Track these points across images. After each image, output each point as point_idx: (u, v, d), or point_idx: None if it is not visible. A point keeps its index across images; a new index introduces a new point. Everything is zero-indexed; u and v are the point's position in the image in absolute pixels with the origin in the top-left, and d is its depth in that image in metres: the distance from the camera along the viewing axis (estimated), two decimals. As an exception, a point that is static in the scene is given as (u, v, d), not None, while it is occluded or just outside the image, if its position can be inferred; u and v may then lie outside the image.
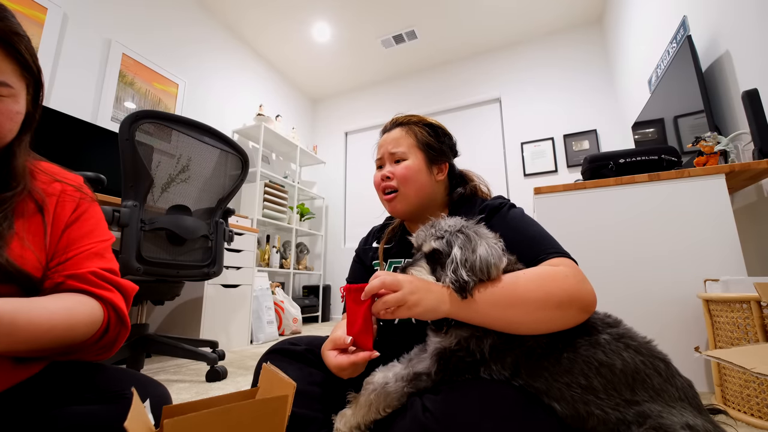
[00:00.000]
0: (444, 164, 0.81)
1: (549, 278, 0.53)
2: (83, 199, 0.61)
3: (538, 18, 3.42)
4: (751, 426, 0.95)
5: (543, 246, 0.61)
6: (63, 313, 0.48)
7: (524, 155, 3.50)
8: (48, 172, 0.60)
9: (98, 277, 0.56)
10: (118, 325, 0.56)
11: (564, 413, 0.48)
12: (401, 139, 0.78)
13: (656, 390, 0.47)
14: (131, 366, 1.50)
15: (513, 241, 0.62)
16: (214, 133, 1.54)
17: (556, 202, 1.53)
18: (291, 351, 0.67)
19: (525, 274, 0.54)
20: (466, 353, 0.52)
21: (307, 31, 3.54)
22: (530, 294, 0.51)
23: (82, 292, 0.54)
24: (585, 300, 0.52)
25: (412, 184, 0.76)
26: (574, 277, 0.53)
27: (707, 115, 1.56)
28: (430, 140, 0.79)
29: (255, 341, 2.52)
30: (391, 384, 0.54)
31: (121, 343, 0.58)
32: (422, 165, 0.77)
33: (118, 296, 0.57)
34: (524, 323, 0.51)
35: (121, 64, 2.49)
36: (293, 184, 3.77)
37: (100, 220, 0.63)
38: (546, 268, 0.56)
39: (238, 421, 0.32)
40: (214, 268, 1.63)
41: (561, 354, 0.50)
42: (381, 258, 0.81)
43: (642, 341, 0.52)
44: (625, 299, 1.35)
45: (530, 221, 0.68)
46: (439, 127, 0.82)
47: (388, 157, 0.79)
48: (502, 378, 0.51)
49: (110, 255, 0.61)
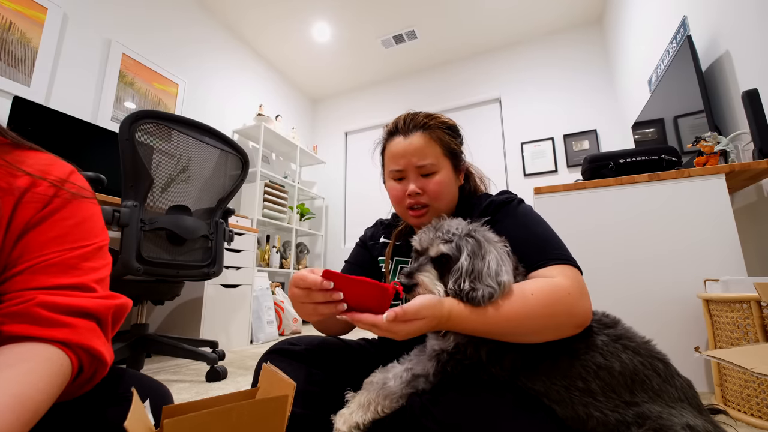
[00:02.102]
0: (463, 165, 0.77)
1: (553, 297, 0.52)
2: (59, 195, 0.47)
3: (538, 18, 3.42)
4: (751, 426, 0.95)
5: (548, 249, 0.60)
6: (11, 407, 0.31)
7: (524, 155, 3.50)
8: (27, 161, 0.47)
9: (51, 309, 0.40)
10: (93, 364, 0.43)
11: (564, 415, 0.48)
12: (427, 148, 0.70)
13: (655, 391, 0.47)
14: (131, 366, 1.50)
15: (519, 239, 0.61)
16: (214, 133, 1.54)
17: (556, 202, 1.53)
18: (290, 351, 0.66)
19: (533, 294, 0.52)
20: (464, 356, 0.52)
21: (307, 31, 3.54)
22: (536, 312, 0.51)
23: (31, 340, 0.38)
24: (581, 318, 0.52)
25: (445, 198, 0.71)
26: (574, 295, 0.52)
27: (707, 115, 1.56)
28: (454, 146, 0.74)
29: (255, 341, 2.52)
30: (390, 385, 0.54)
31: (99, 378, 0.45)
32: (451, 175, 0.72)
33: (85, 330, 0.41)
34: (523, 336, 0.52)
35: (121, 64, 2.49)
36: (293, 184, 3.77)
37: (84, 221, 0.49)
38: (550, 283, 0.54)
39: (238, 421, 0.32)
40: (214, 268, 1.63)
41: (558, 358, 0.50)
42: (388, 257, 0.79)
43: (641, 341, 0.52)
44: (625, 299, 1.35)
45: (538, 219, 0.67)
46: (455, 126, 0.77)
47: (413, 169, 0.70)
48: (501, 379, 0.51)
49: (91, 264, 0.47)
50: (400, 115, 0.76)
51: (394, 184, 0.73)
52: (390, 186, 0.75)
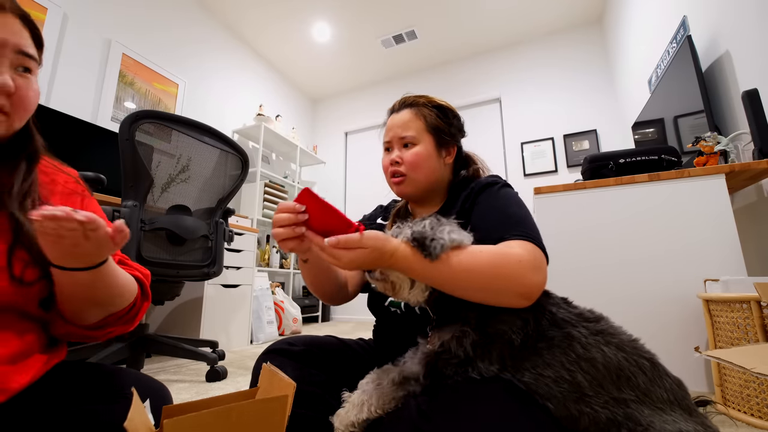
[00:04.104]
0: (453, 147, 0.80)
1: (502, 260, 0.53)
2: (84, 192, 0.63)
3: (538, 18, 3.42)
4: (751, 426, 0.95)
5: (513, 227, 0.60)
6: (127, 277, 0.57)
7: (524, 155, 3.50)
8: (49, 162, 0.61)
9: (121, 261, 0.60)
10: (144, 299, 0.62)
11: (558, 413, 0.48)
12: (410, 122, 0.76)
13: (642, 390, 0.47)
14: (131, 366, 1.49)
15: (492, 217, 0.63)
16: (214, 133, 1.54)
17: (556, 202, 1.53)
18: (289, 351, 0.66)
19: (481, 251, 0.54)
20: (451, 355, 0.53)
21: (307, 31, 3.54)
22: (480, 268, 0.52)
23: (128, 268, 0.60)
24: (526, 289, 0.52)
25: (421, 170, 0.75)
26: (525, 265, 0.53)
27: (707, 115, 1.56)
28: (440, 123, 0.77)
29: (255, 341, 2.52)
30: (383, 386, 0.55)
31: (143, 314, 0.64)
32: (432, 150, 0.76)
33: (141, 274, 0.62)
34: (463, 290, 0.54)
35: (121, 64, 2.49)
36: (293, 184, 3.77)
37: (99, 212, 0.65)
38: (504, 249, 0.55)
39: (238, 421, 0.32)
40: (214, 268, 1.63)
41: (536, 344, 0.51)
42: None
43: (626, 339, 0.51)
44: (625, 299, 1.35)
45: (517, 202, 0.67)
46: (448, 108, 0.80)
47: (396, 141, 0.77)
48: (491, 374, 0.51)
49: None
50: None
51: (384, 155, 0.80)
52: (382, 158, 0.81)
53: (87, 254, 0.46)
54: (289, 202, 0.57)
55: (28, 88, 0.49)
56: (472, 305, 0.55)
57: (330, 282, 0.74)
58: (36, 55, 0.51)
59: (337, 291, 0.77)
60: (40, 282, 0.50)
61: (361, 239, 0.52)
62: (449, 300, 0.56)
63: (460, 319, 0.55)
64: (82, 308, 0.53)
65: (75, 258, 0.46)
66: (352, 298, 0.82)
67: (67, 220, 0.39)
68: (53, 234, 0.41)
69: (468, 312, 0.55)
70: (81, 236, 0.42)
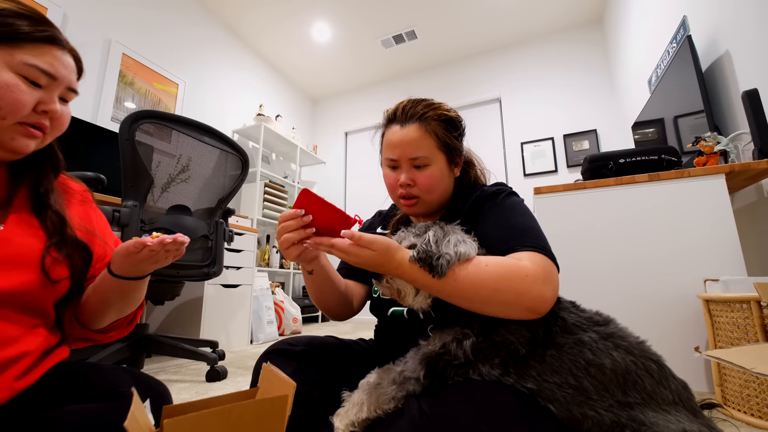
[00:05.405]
0: (461, 158, 0.77)
1: (508, 274, 0.53)
2: (93, 202, 0.69)
3: (538, 18, 3.42)
4: (751, 426, 0.95)
5: (524, 238, 0.59)
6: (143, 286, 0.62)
7: (524, 155, 3.50)
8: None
9: None
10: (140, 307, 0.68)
11: (560, 415, 0.47)
12: (421, 141, 0.69)
13: (648, 392, 0.47)
14: (131, 366, 1.49)
15: (499, 228, 0.62)
16: (214, 133, 1.54)
17: (556, 202, 1.53)
18: (289, 351, 0.66)
19: (488, 265, 0.54)
20: (452, 356, 0.53)
21: (307, 31, 3.54)
22: (485, 281, 0.52)
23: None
24: (534, 303, 0.51)
25: (436, 191, 0.71)
26: (533, 278, 0.52)
27: (707, 115, 1.56)
28: (451, 140, 0.72)
29: (255, 341, 2.52)
30: (383, 385, 0.54)
31: (138, 318, 0.68)
32: (444, 169, 0.71)
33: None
34: (468, 302, 0.54)
35: (121, 64, 2.49)
36: (293, 184, 3.77)
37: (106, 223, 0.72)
38: (511, 262, 0.54)
39: (238, 421, 0.32)
40: (214, 268, 1.63)
41: (545, 352, 0.50)
42: None
43: (634, 341, 0.51)
44: (625, 299, 1.35)
45: (523, 212, 0.66)
46: (456, 119, 0.75)
47: (406, 161, 0.70)
48: (492, 378, 0.51)
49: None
50: (402, 102, 0.75)
51: (388, 172, 0.74)
52: (385, 173, 0.76)
53: (152, 267, 0.53)
54: (289, 210, 0.58)
55: (66, 115, 0.58)
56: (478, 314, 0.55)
57: (334, 294, 0.73)
58: (77, 89, 0.58)
59: (342, 303, 0.76)
60: (64, 281, 0.54)
61: (373, 241, 0.53)
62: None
63: (462, 321, 0.55)
64: (104, 311, 0.58)
65: (140, 270, 0.53)
66: (357, 312, 0.81)
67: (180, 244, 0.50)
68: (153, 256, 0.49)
69: (472, 318, 0.55)
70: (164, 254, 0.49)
